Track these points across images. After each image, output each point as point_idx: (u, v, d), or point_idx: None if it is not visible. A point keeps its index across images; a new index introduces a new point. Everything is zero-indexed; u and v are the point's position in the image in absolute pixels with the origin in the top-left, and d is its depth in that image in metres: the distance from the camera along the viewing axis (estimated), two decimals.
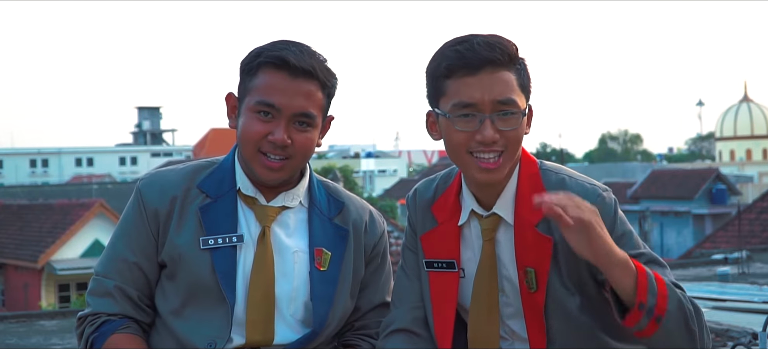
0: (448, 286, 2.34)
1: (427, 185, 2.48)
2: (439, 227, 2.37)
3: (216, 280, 2.29)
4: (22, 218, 29.87)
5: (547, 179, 2.28)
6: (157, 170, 2.46)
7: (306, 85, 2.29)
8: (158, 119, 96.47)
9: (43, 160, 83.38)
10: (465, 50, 2.19)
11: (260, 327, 2.32)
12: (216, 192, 2.37)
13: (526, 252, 2.25)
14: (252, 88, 2.31)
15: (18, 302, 26.52)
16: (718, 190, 36.25)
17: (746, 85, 79.70)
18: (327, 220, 2.44)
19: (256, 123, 2.29)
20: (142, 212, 2.36)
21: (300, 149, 2.31)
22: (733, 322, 7.55)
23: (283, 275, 2.36)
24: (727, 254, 15.77)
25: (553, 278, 2.23)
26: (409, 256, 2.46)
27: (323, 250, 2.39)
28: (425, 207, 2.43)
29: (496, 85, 2.18)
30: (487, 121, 2.17)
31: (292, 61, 2.27)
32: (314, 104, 2.31)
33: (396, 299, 2.45)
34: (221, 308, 2.29)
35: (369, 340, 2.48)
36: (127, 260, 2.35)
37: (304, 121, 2.30)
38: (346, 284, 2.42)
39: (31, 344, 10.18)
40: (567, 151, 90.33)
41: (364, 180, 63.02)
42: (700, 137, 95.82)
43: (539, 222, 2.23)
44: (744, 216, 21.62)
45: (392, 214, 32.51)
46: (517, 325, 2.32)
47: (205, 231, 2.33)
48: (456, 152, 2.24)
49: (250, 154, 2.31)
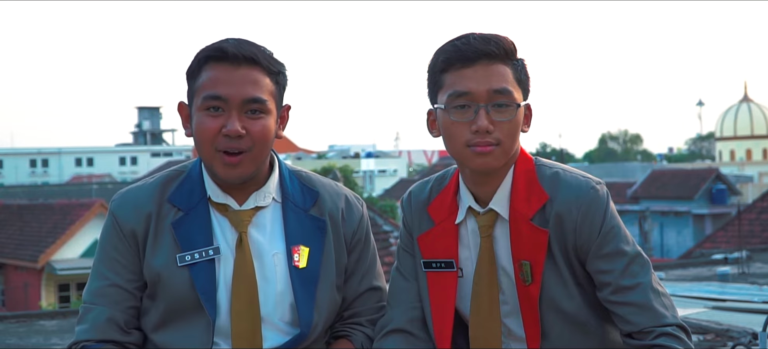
0: (446, 286, 2.35)
1: (421, 187, 2.48)
2: (437, 227, 2.38)
3: (196, 297, 2.26)
4: (22, 218, 29.84)
5: (542, 173, 2.30)
6: (127, 189, 2.41)
7: (250, 73, 2.25)
8: (158, 119, 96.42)
9: (43, 160, 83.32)
10: (461, 44, 2.24)
11: (247, 337, 2.28)
12: (187, 205, 2.33)
13: (521, 245, 2.26)
14: (197, 88, 2.27)
15: (18, 302, 26.51)
16: (718, 190, 36.24)
17: (746, 85, 79.69)
18: (302, 212, 2.39)
19: (207, 120, 2.24)
20: (119, 233, 2.33)
21: (257, 138, 2.25)
22: (733, 322, 7.55)
23: (265, 280, 2.32)
24: (727, 254, 15.78)
25: (548, 271, 2.25)
26: (405, 257, 2.46)
27: (300, 247, 2.34)
28: (421, 208, 2.43)
29: (491, 76, 2.21)
30: (482, 111, 2.20)
31: (231, 50, 2.24)
32: (262, 90, 2.26)
33: (392, 300, 2.44)
34: (202, 321, 2.26)
35: (359, 328, 2.45)
36: (112, 284, 2.31)
37: (255, 109, 2.25)
38: (328, 278, 2.37)
39: (31, 344, 10.18)
40: (567, 151, 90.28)
41: (364, 180, 62.98)
42: (700, 137, 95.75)
43: (534, 215, 2.25)
44: (744, 216, 21.61)
45: (392, 214, 32.44)
46: (513, 323, 2.33)
47: (181, 247, 2.28)
48: (454, 146, 2.26)
49: (208, 154, 2.26)
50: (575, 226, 2.23)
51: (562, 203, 2.24)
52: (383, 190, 54.98)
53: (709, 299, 9.42)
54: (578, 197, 2.23)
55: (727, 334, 6.94)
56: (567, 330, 2.27)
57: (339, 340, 2.45)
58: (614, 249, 2.23)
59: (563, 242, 2.24)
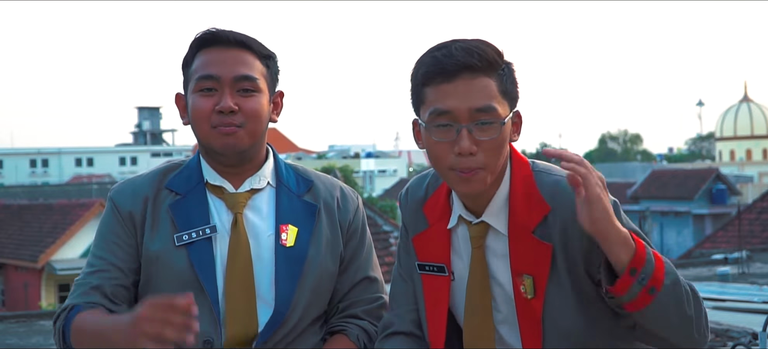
0: (439, 289, 2.31)
1: (418, 182, 2.43)
2: (430, 229, 2.33)
3: (195, 275, 2.29)
4: (22, 218, 29.84)
5: (541, 180, 2.22)
6: (125, 180, 2.47)
7: (241, 54, 2.34)
8: (158, 119, 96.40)
9: (43, 160, 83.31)
10: (442, 56, 2.12)
11: (242, 316, 2.30)
12: (185, 188, 2.38)
13: (522, 258, 2.19)
14: (191, 73, 2.35)
15: (18, 302, 26.50)
16: (718, 190, 36.23)
17: (746, 85, 79.67)
18: (295, 197, 2.43)
19: (201, 100, 2.31)
20: (117, 217, 2.37)
21: (249, 114, 2.31)
22: (733, 322, 7.54)
23: (260, 260, 2.34)
24: (727, 254, 15.77)
25: (552, 285, 2.17)
26: (405, 258, 2.43)
27: (289, 225, 2.37)
28: (417, 207, 2.38)
29: (473, 93, 2.10)
30: (464, 132, 2.10)
31: (222, 34, 2.34)
32: (253, 69, 2.34)
33: (393, 302, 2.43)
34: (205, 302, 2.27)
35: (354, 321, 2.45)
36: (107, 262, 2.34)
37: (247, 87, 2.32)
38: (315, 260, 2.38)
39: (31, 344, 10.18)
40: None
41: (364, 180, 62.99)
42: (700, 137, 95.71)
43: (536, 228, 2.18)
44: (744, 216, 21.60)
45: (392, 214, 32.42)
46: (506, 331, 2.27)
47: (178, 228, 2.33)
48: (439, 167, 2.19)
49: (205, 132, 2.33)
50: (581, 232, 2.10)
51: (567, 213, 2.13)
52: (383, 190, 55.00)
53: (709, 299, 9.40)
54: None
55: (727, 334, 6.93)
56: (568, 343, 2.18)
57: (335, 336, 2.43)
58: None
59: (572, 254, 2.13)
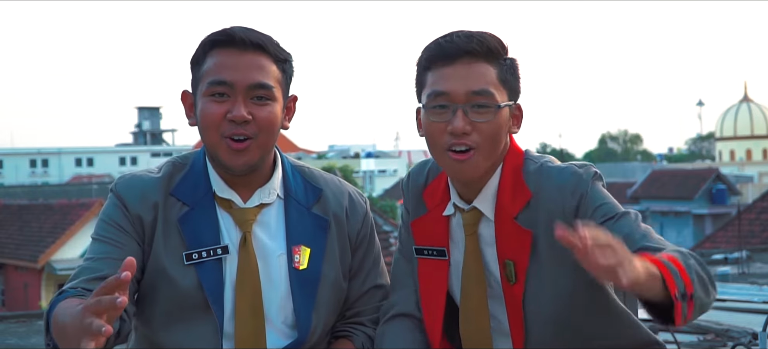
0: (437, 274, 2.33)
1: (420, 168, 2.46)
2: (429, 214, 2.36)
3: (203, 296, 2.21)
4: (22, 218, 29.85)
5: (527, 168, 2.25)
6: (131, 174, 2.31)
7: (257, 59, 2.21)
8: (158, 119, 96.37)
9: (43, 160, 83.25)
10: (444, 42, 2.21)
11: (250, 339, 2.24)
12: (192, 199, 2.26)
13: (506, 244, 2.23)
14: (202, 74, 2.23)
15: (18, 302, 26.52)
16: (718, 190, 36.26)
17: (746, 85, 79.56)
18: (305, 210, 2.33)
19: (212, 106, 2.19)
20: (125, 213, 2.23)
21: (263, 125, 2.20)
22: (733, 322, 7.53)
23: (269, 282, 2.27)
24: (727, 254, 15.75)
25: (532, 271, 2.20)
26: (406, 239, 2.43)
27: (301, 247, 2.29)
28: (417, 193, 2.41)
29: (471, 76, 2.17)
30: (459, 112, 2.16)
31: (238, 35, 2.21)
32: (269, 76, 2.22)
33: (395, 283, 2.43)
34: (209, 322, 2.21)
35: (360, 328, 2.41)
36: (106, 256, 2.18)
37: (262, 95, 2.20)
38: (329, 279, 2.32)
39: (31, 344, 10.16)
40: (567, 151, 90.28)
41: (364, 180, 62.96)
42: (700, 137, 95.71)
43: (518, 214, 2.21)
44: (744, 216, 21.61)
45: (392, 214, 32.43)
46: (501, 314, 2.29)
47: (187, 245, 2.22)
48: (434, 150, 2.23)
49: (214, 141, 2.21)
50: (563, 210, 2.15)
51: (548, 198, 2.18)
52: (383, 190, 54.98)
53: None
54: (561, 186, 2.18)
55: (727, 334, 6.93)
56: (550, 331, 2.22)
57: (339, 340, 2.42)
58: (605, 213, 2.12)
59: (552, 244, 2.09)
